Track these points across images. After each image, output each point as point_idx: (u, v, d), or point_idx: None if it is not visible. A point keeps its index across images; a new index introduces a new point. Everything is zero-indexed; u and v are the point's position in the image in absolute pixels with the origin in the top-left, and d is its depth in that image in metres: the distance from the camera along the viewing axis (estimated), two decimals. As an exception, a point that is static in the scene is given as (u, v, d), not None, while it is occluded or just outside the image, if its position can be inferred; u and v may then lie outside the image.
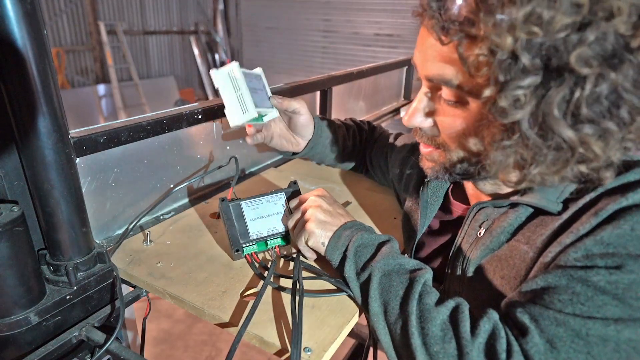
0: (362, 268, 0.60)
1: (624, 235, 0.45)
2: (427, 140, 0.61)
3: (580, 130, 0.44)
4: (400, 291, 0.55)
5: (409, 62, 2.11)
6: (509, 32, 0.41)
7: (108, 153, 0.74)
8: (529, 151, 0.47)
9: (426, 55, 0.54)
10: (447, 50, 0.50)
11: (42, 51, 0.53)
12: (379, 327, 0.55)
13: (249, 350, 2.21)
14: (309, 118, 0.93)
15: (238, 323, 0.58)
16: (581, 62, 0.40)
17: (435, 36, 0.49)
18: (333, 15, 5.49)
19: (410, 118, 0.60)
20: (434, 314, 0.50)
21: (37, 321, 0.59)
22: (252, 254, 0.71)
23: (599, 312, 0.44)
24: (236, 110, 0.78)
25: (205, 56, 6.98)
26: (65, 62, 5.37)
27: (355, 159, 1.05)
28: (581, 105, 0.42)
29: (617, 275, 0.44)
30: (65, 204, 0.60)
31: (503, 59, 0.43)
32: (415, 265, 0.59)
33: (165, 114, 0.83)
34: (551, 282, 0.47)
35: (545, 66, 0.42)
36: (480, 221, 0.61)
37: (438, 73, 0.52)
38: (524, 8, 0.40)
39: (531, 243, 0.54)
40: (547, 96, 0.43)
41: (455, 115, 0.55)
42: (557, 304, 0.46)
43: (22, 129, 0.55)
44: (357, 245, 0.62)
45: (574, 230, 0.48)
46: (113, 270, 0.67)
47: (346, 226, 0.66)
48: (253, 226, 0.73)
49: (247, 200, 0.76)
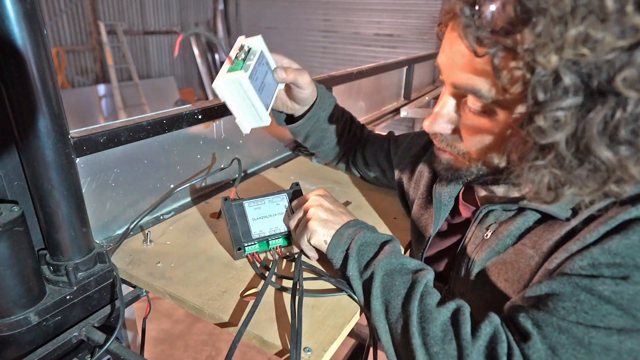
0: (364, 266, 0.60)
1: (632, 246, 0.44)
2: (446, 146, 0.59)
3: (618, 152, 0.42)
4: (402, 291, 0.55)
5: (409, 62, 2.11)
6: (556, 53, 0.39)
7: (108, 153, 0.74)
8: (564, 172, 0.45)
9: (454, 62, 0.51)
10: (480, 61, 0.47)
11: (42, 51, 0.53)
12: (380, 326, 0.55)
13: (249, 350, 2.21)
14: (310, 93, 0.87)
15: (238, 323, 0.58)
16: (627, 84, 0.38)
17: (468, 45, 0.47)
18: (333, 15, 5.49)
19: (432, 124, 0.57)
20: (435, 315, 0.50)
21: (37, 321, 0.59)
22: (253, 253, 0.71)
23: (602, 322, 0.43)
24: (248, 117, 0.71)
25: (205, 56, 6.98)
26: (65, 62, 5.37)
27: (343, 149, 1.02)
28: (620, 127, 0.41)
29: (622, 286, 0.43)
30: (65, 204, 0.60)
31: (544, 77, 0.41)
32: (417, 265, 0.59)
33: (165, 114, 0.83)
34: (556, 289, 0.47)
35: (587, 86, 0.40)
36: (487, 223, 0.61)
37: (467, 82, 0.50)
38: (576, 28, 0.38)
39: (537, 248, 0.53)
40: (588, 117, 0.41)
41: (480, 125, 0.52)
42: (561, 311, 0.45)
43: (22, 129, 0.55)
44: (360, 243, 0.62)
45: (581, 238, 0.48)
46: (113, 270, 0.67)
47: (348, 225, 0.66)
48: (255, 226, 0.73)
49: (249, 200, 0.75)
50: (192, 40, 6.85)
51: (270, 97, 0.75)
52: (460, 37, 0.47)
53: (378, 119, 1.94)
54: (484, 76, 0.48)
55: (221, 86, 0.66)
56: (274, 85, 0.76)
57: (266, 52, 0.75)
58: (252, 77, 0.67)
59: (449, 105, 0.56)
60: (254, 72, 0.68)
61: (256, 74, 0.69)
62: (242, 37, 0.73)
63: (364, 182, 1.06)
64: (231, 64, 0.68)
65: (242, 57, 0.70)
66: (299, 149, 1.27)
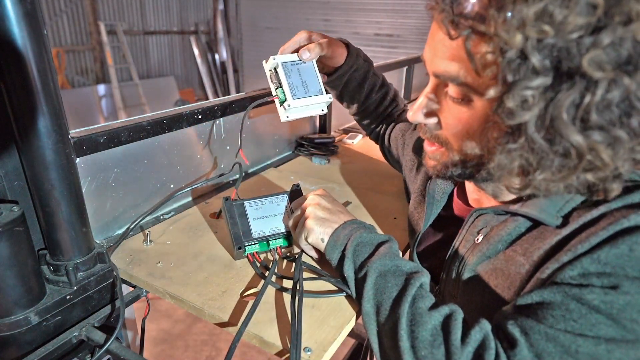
0: (359, 267, 0.60)
1: (621, 256, 0.44)
2: (430, 136, 0.61)
3: (589, 136, 0.42)
4: (394, 293, 0.54)
5: (409, 62, 2.11)
6: (519, 30, 0.40)
7: (108, 153, 0.75)
8: (535, 156, 0.45)
9: (435, 51, 0.53)
10: (456, 46, 0.49)
11: (42, 51, 0.53)
12: (370, 328, 0.55)
13: (249, 350, 2.21)
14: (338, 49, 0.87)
15: (238, 323, 0.58)
16: (594, 66, 0.39)
17: (445, 30, 0.48)
18: (333, 15, 5.49)
19: (414, 114, 0.59)
20: (426, 319, 0.50)
21: (37, 321, 0.59)
22: (254, 253, 0.71)
23: (591, 331, 0.43)
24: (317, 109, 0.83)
25: (205, 56, 6.98)
26: (65, 62, 5.37)
27: (373, 119, 1.01)
28: (591, 111, 0.41)
29: (612, 296, 0.43)
30: (65, 204, 0.60)
31: (512, 58, 0.42)
32: (412, 267, 0.59)
33: (165, 114, 0.83)
34: (546, 298, 0.47)
35: (556, 68, 0.41)
36: (478, 227, 0.61)
37: (445, 69, 0.51)
38: (536, 5, 0.39)
39: (527, 255, 0.53)
40: (556, 99, 0.42)
41: (459, 113, 0.54)
42: (550, 319, 0.45)
43: (22, 129, 0.55)
44: (355, 244, 0.62)
45: (572, 248, 0.48)
46: (113, 270, 0.67)
47: (345, 225, 0.66)
48: (256, 225, 0.73)
49: (250, 200, 0.76)
50: (192, 40, 6.85)
51: (315, 79, 0.83)
52: (438, 23, 0.50)
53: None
54: (459, 61, 0.49)
55: (288, 117, 0.80)
56: (311, 69, 0.84)
57: (284, 60, 0.82)
58: (293, 92, 0.79)
59: (430, 95, 0.58)
60: (292, 87, 0.79)
61: (293, 84, 0.80)
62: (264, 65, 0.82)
63: (363, 182, 1.06)
64: (277, 99, 0.80)
65: (277, 84, 0.80)
66: (299, 149, 1.27)
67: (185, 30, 6.87)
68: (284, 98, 0.79)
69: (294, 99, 0.78)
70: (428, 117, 0.59)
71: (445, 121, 0.57)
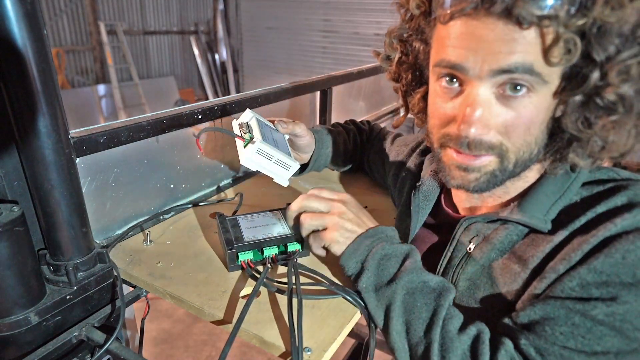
0: (386, 282, 0.58)
1: (616, 264, 0.46)
2: (485, 150, 0.53)
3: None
4: (424, 314, 0.54)
5: (409, 62, 2.11)
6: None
7: (108, 153, 0.74)
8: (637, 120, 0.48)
9: (492, 48, 0.47)
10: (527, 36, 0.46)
11: (42, 51, 0.53)
12: (399, 346, 0.55)
13: (249, 350, 2.21)
14: (310, 139, 0.92)
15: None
16: None
17: (514, 21, 0.45)
18: (333, 15, 5.49)
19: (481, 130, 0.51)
20: (457, 344, 0.51)
21: (37, 321, 0.59)
22: (247, 261, 0.68)
23: (599, 345, 0.45)
24: (281, 172, 0.76)
25: (205, 56, 6.98)
26: (65, 62, 5.37)
27: (356, 160, 1.05)
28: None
29: (613, 307, 0.46)
30: (65, 204, 0.60)
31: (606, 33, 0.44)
32: (438, 282, 0.57)
33: (165, 114, 0.83)
34: (550, 313, 0.48)
35: None
36: (470, 236, 0.61)
37: (516, 62, 0.47)
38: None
39: (522, 263, 0.54)
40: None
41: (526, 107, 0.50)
42: (559, 336, 0.47)
43: (22, 129, 0.55)
44: (379, 257, 0.60)
45: (567, 257, 0.49)
46: (113, 270, 0.67)
47: (367, 235, 0.63)
48: (248, 232, 0.71)
49: (243, 215, 0.76)
50: (192, 40, 6.85)
51: (286, 147, 0.82)
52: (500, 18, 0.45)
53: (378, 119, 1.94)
54: (531, 51, 0.46)
55: (248, 160, 0.73)
56: (282, 138, 0.84)
57: (260, 118, 0.83)
58: (265, 140, 0.74)
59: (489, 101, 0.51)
60: (264, 136, 0.76)
61: (265, 136, 0.77)
62: (234, 121, 0.81)
63: (363, 182, 1.06)
64: (243, 141, 0.75)
65: (246, 132, 0.77)
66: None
67: (185, 30, 6.87)
68: (252, 137, 0.74)
69: (263, 142, 0.72)
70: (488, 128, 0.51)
71: (504, 124, 0.51)
